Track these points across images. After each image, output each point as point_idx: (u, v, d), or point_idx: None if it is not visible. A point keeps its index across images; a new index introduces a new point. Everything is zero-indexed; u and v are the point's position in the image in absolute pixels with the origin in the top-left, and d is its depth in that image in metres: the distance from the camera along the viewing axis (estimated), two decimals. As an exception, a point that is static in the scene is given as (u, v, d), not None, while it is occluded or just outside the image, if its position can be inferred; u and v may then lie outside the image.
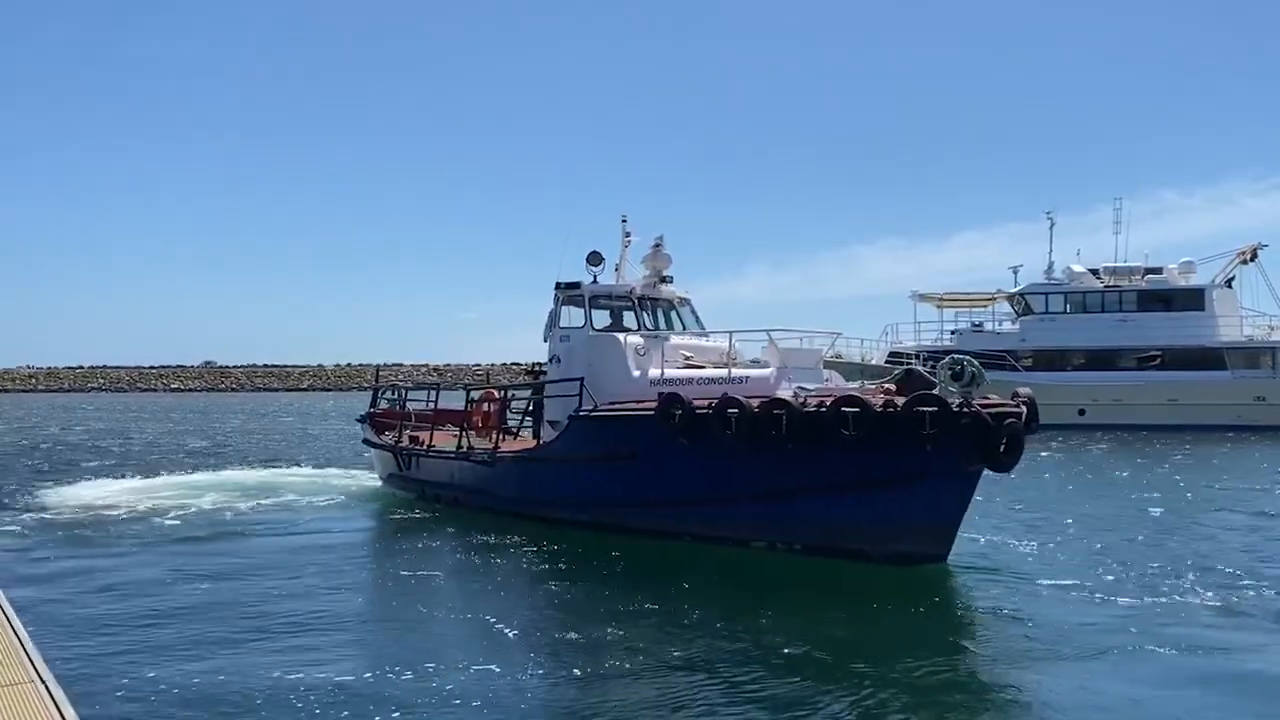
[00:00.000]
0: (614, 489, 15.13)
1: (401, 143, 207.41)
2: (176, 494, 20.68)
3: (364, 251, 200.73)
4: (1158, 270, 43.24)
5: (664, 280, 17.53)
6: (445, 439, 19.40)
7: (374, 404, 23.51)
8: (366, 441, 22.70)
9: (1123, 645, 9.18)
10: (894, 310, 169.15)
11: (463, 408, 20.28)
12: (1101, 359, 41.73)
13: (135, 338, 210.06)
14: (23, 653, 5.48)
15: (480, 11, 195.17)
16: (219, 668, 8.37)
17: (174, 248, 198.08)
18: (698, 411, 13.57)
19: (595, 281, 17.20)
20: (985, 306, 45.96)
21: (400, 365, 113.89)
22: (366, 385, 26.05)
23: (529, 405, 19.43)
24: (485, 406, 20.63)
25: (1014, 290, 44.28)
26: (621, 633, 9.71)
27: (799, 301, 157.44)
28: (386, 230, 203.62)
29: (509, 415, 19.90)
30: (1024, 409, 12.53)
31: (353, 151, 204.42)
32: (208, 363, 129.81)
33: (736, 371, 15.17)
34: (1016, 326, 43.60)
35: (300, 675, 8.13)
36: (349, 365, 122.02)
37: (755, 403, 13.23)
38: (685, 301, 17.89)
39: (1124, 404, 40.56)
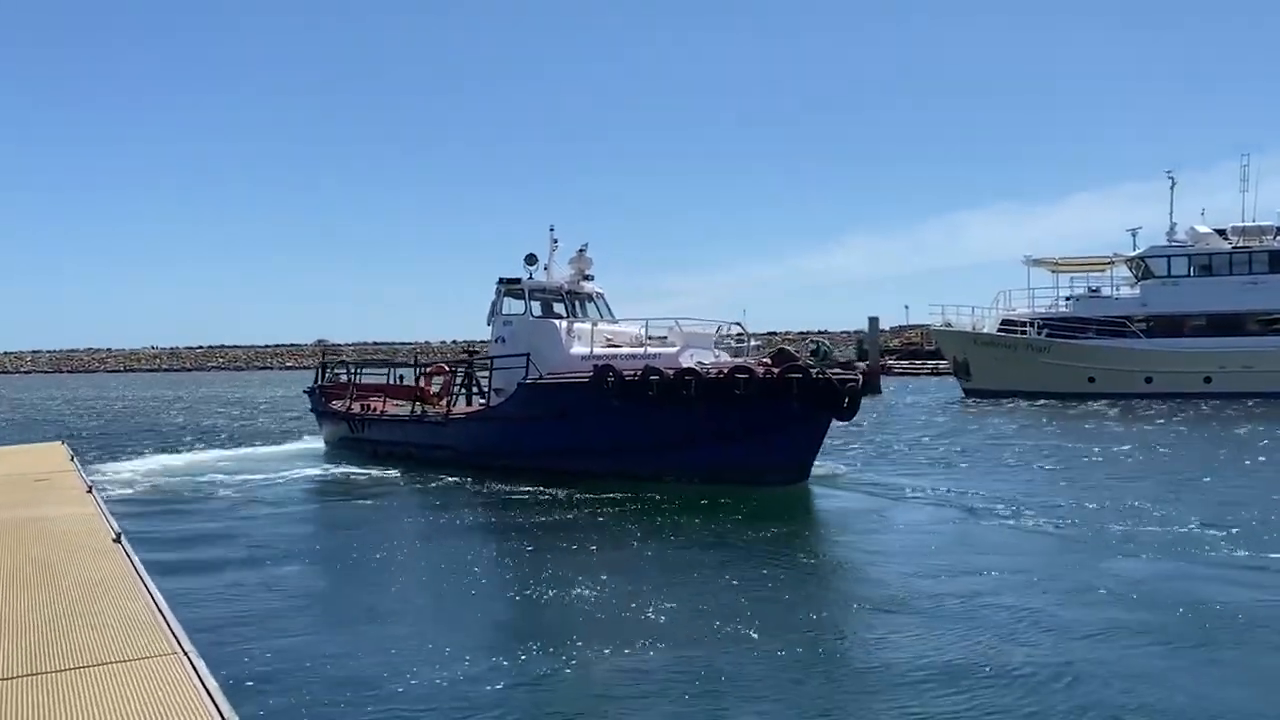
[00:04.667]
0: (555, 441, 18.43)
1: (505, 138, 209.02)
2: (276, 462, 22.22)
3: (466, 234, 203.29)
4: (1292, 228, 40.85)
5: (587, 278, 21.45)
6: (392, 408, 23.29)
7: (320, 378, 27.10)
8: (314, 410, 26.40)
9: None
10: (1003, 277, 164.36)
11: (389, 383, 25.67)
12: (1228, 324, 39.60)
13: (251, 317, 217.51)
14: (164, 624, 5.55)
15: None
16: (347, 642, 8.49)
17: (288, 230, 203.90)
18: (626, 378, 17.18)
19: (531, 278, 20.59)
20: (1103, 271, 43.98)
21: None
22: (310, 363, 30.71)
23: (463, 379, 23.48)
24: (438, 379, 24.94)
25: (1133, 254, 42.38)
26: (564, 563, 11.44)
27: (901, 274, 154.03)
28: (484, 214, 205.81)
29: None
30: (860, 377, 17.37)
31: (461, 144, 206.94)
32: (320, 341, 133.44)
33: (650, 349, 18.86)
34: (1136, 291, 41.73)
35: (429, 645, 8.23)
36: (454, 342, 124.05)
37: (671, 371, 17.05)
38: (600, 295, 21.78)
39: (1254, 371, 38.59)
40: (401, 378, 26.82)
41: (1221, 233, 41.20)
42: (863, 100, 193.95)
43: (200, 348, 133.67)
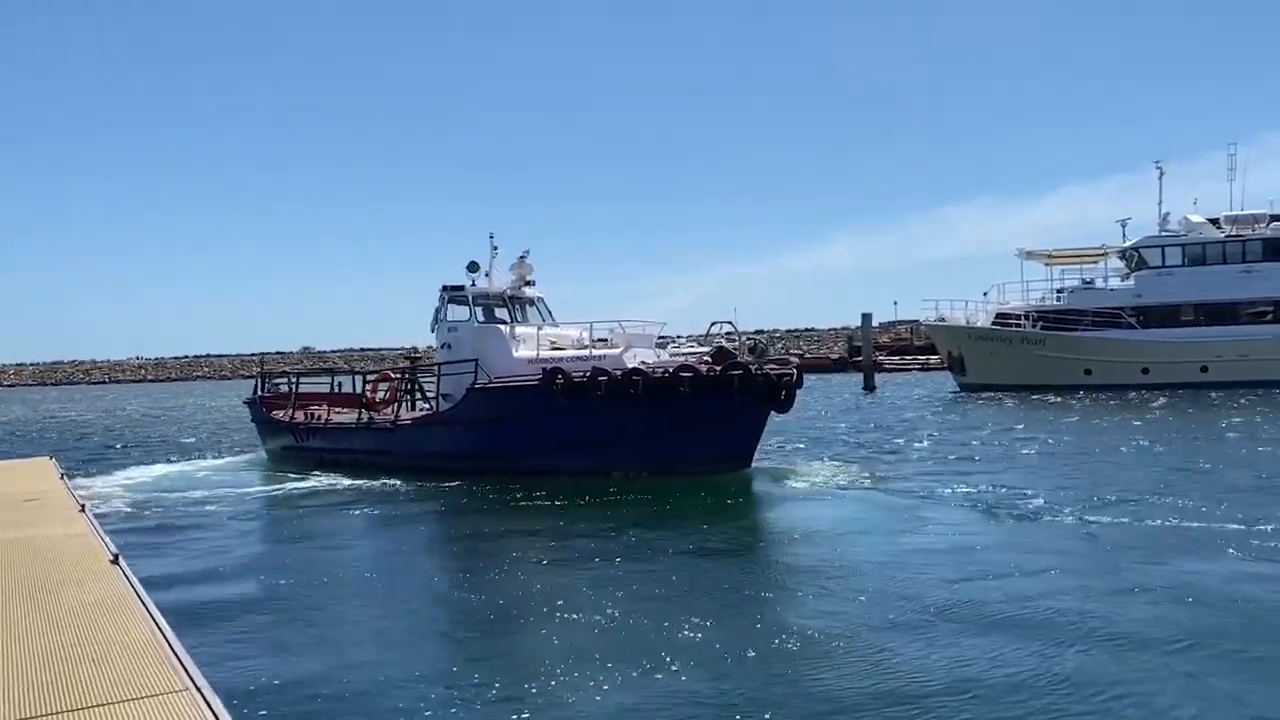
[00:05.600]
0: (507, 442, 18.90)
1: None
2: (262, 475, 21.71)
3: (455, 234, 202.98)
4: (1285, 216, 40.70)
5: (528, 284, 21.84)
6: (336, 416, 23.60)
7: (261, 389, 26.50)
8: (256, 421, 26.07)
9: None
10: (991, 270, 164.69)
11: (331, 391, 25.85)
12: (1223, 313, 39.53)
13: (237, 326, 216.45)
14: (173, 655, 5.12)
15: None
16: (347, 666, 8.04)
17: (274, 236, 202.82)
18: (575, 380, 17.73)
19: (474, 284, 21.06)
20: (1096, 262, 43.79)
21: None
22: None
23: (406, 385, 23.56)
24: (383, 386, 25.15)
25: (1127, 244, 42.21)
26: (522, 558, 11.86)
27: (888, 270, 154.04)
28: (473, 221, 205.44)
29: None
30: (795, 372, 17.96)
31: (441, 147, 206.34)
32: (306, 348, 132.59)
33: (595, 351, 19.41)
34: (1130, 282, 41.53)
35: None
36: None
37: (618, 372, 17.66)
38: (541, 300, 22.17)
39: (1250, 359, 38.49)
40: (340, 385, 26.74)
41: (1214, 222, 41.06)
42: (848, 95, 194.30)
43: (185, 358, 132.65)
